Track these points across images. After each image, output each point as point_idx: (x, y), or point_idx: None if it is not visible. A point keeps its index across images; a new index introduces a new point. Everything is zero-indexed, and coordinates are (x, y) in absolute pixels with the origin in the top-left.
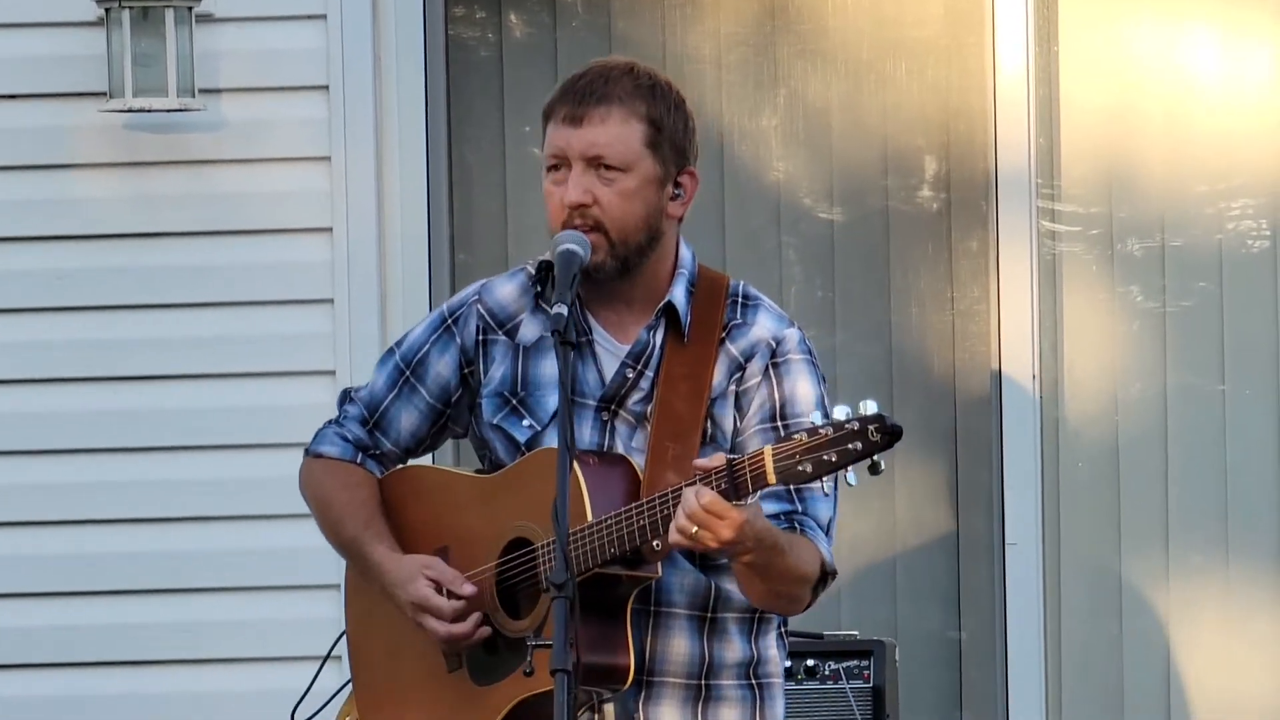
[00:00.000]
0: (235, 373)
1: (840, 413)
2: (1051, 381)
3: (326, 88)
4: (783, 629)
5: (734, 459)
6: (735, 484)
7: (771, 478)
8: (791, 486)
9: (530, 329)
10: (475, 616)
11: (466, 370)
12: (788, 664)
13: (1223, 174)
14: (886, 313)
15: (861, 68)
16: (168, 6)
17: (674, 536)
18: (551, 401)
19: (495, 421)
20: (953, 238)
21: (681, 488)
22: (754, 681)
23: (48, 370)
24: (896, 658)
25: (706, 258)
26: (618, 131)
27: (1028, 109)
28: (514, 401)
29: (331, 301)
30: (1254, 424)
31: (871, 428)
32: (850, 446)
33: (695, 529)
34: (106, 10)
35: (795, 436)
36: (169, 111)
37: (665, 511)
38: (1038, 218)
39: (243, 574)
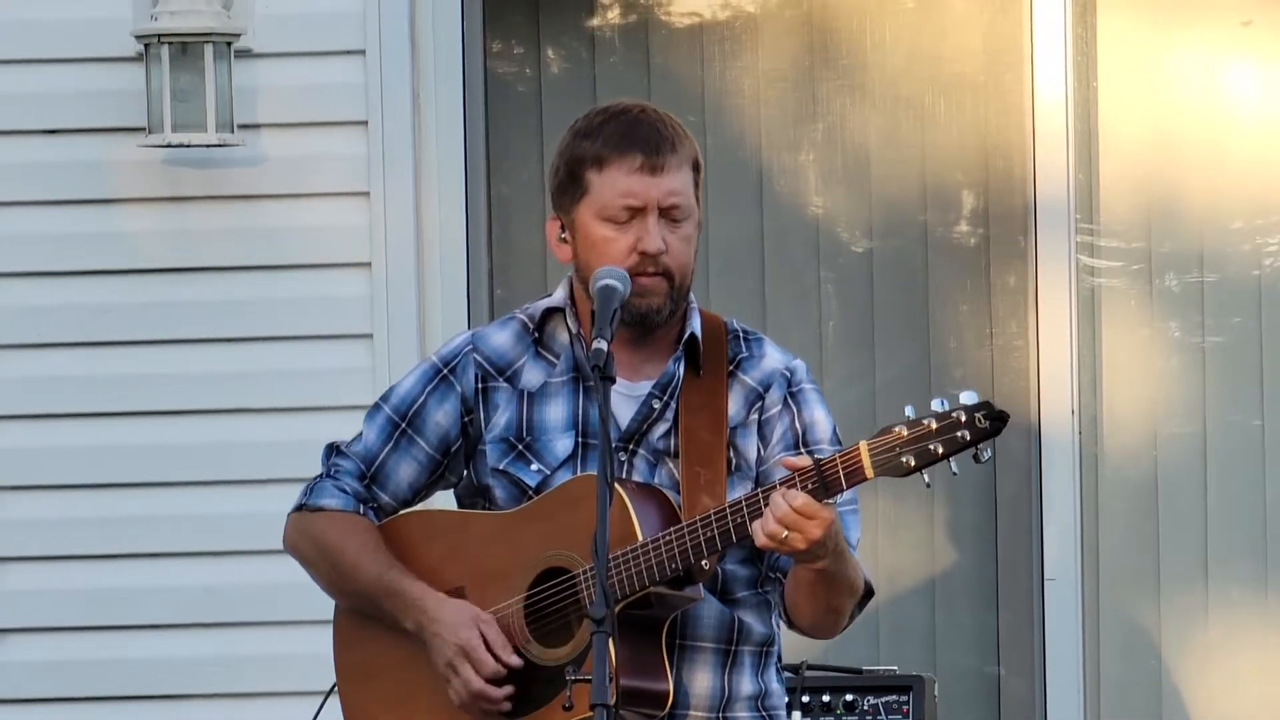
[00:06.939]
0: (276, 407)
1: (936, 404)
2: (1090, 417)
3: (365, 123)
4: (778, 665)
5: (822, 458)
6: (826, 482)
7: (869, 472)
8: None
9: (533, 374)
10: (508, 689)
11: (466, 419)
12: (826, 699)
13: (1261, 209)
14: (925, 348)
15: (900, 103)
16: (207, 42)
17: (761, 540)
18: (560, 445)
19: (501, 467)
20: (991, 272)
21: (756, 496)
22: (764, 714)
23: (90, 405)
24: (936, 693)
25: (745, 292)
26: (685, 179)
27: (1067, 143)
28: (520, 447)
29: (371, 336)
30: None
31: (979, 415)
32: (958, 435)
33: (786, 533)
34: (146, 46)
35: (895, 430)
36: (208, 147)
37: (723, 526)
38: (1077, 252)
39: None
